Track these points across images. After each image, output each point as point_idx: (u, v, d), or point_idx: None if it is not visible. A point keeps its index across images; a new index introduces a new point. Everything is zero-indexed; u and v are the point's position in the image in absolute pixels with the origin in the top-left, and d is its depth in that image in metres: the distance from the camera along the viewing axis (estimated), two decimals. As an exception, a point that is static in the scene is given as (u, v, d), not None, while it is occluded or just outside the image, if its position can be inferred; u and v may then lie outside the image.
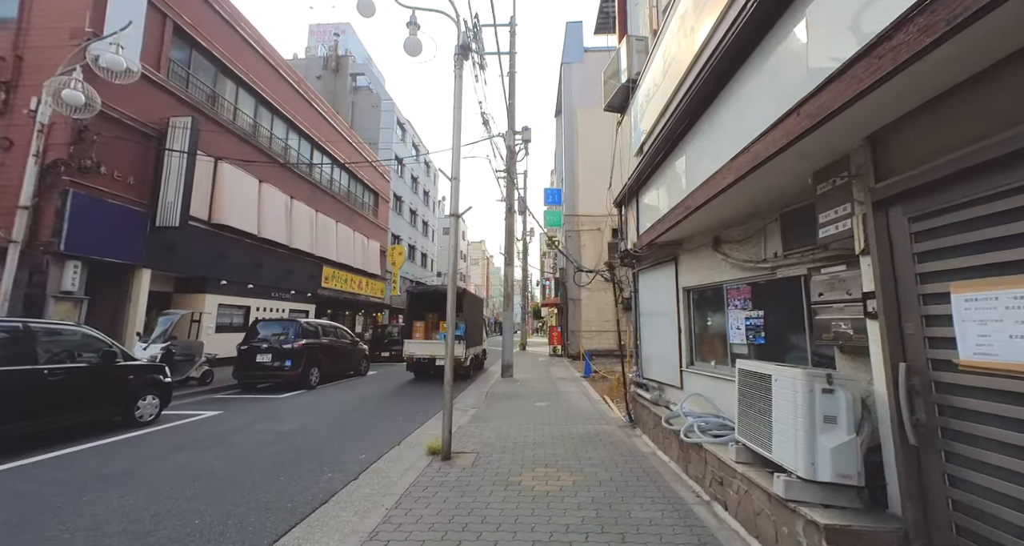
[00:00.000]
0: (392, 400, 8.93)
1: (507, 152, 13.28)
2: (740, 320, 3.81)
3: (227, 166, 13.45)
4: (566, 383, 10.82)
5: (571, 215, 21.68)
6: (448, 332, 4.92)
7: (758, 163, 2.54)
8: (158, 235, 10.96)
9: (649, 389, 5.51)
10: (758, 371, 2.73)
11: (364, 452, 5.17)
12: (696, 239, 4.51)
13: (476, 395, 9.44)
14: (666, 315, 5.15)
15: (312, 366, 10.23)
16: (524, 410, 7.45)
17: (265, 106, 16.08)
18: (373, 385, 11.10)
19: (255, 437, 5.69)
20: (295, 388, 9.88)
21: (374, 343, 18.84)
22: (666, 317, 5.15)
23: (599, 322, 20.53)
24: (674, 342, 4.90)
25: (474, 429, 6.08)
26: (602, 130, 22.88)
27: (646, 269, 5.74)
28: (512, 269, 12.88)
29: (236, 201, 13.78)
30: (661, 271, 5.30)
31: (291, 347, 9.76)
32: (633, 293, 6.23)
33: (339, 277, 21.08)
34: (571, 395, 9.03)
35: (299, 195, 17.70)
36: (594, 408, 7.59)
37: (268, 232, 15.35)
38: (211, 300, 13.02)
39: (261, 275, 15.19)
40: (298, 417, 7.05)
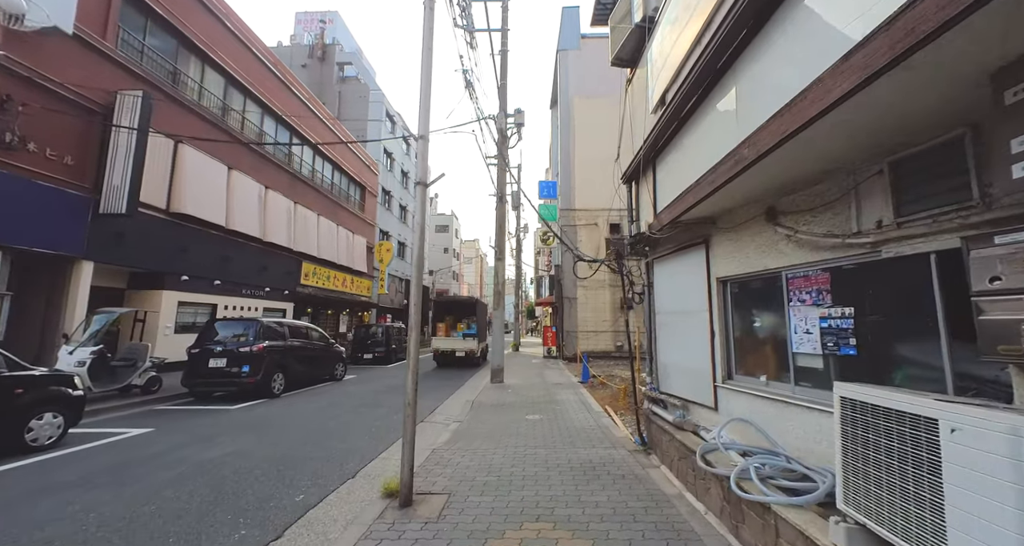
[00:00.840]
0: (365, 411, 7.77)
1: (498, 136, 12.15)
2: (811, 321, 2.71)
3: (189, 150, 12.18)
4: (562, 390, 9.71)
5: (567, 209, 20.59)
6: (411, 340, 3.79)
7: (910, 47, 1.43)
8: (102, 223, 9.70)
9: (668, 407, 4.41)
10: (901, 408, 1.62)
11: (305, 490, 4.02)
12: (738, 213, 3.41)
13: (460, 404, 8.31)
14: (693, 314, 4.05)
15: (275, 371, 9.03)
16: (514, 426, 6.33)
17: (237, 87, 14.80)
18: (348, 392, 9.92)
19: (170, 469, 4.51)
20: (255, 397, 8.68)
21: (356, 344, 17.64)
22: (693, 317, 4.04)
23: (596, 322, 19.48)
24: (704, 349, 3.79)
25: (451, 454, 4.94)
26: (600, 120, 21.82)
27: (665, 256, 4.63)
28: (503, 264, 11.76)
29: (200, 188, 12.52)
30: (686, 258, 4.19)
31: (250, 350, 8.56)
32: (646, 287, 5.13)
33: (321, 274, 19.83)
34: (568, 405, 7.92)
35: (276, 185, 16.44)
36: (596, 423, 6.49)
37: (238, 224, 14.09)
38: (169, 297, 11.75)
39: (230, 270, 13.93)
40: (241, 436, 5.86)
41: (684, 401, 4.15)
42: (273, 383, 8.92)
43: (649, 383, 5.02)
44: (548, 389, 9.87)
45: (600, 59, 22.21)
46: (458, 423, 6.77)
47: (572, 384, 10.73)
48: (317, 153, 20.34)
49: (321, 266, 19.77)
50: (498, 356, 11.07)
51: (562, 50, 21.81)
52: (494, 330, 11.39)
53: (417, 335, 3.80)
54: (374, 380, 12.17)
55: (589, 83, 21.36)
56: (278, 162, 16.95)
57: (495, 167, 13.00)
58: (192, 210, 12.17)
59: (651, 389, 4.87)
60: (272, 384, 8.90)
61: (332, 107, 29.35)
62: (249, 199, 14.81)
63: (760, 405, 3.12)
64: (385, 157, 29.84)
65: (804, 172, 2.62)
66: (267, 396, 8.83)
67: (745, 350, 3.46)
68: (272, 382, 8.86)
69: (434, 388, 10.63)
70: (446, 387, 10.79)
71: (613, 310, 19.54)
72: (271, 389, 8.84)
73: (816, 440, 2.61)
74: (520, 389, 9.91)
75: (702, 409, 3.87)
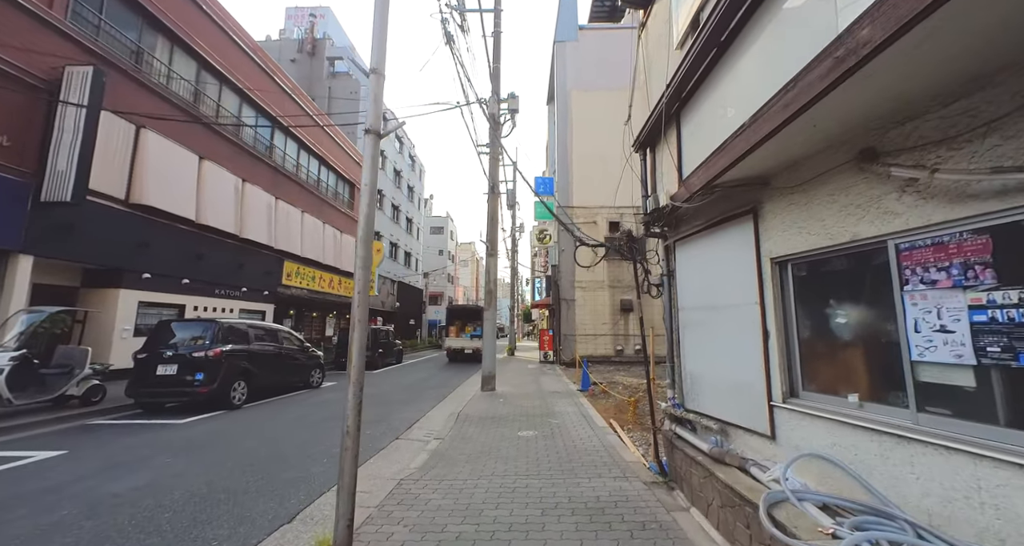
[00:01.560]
0: (333, 425, 6.73)
1: (490, 123, 11.21)
2: (950, 312, 1.75)
3: (154, 136, 11.16)
4: (560, 400, 8.71)
5: (564, 206, 19.64)
6: (354, 345, 2.80)
7: None
8: (46, 213, 8.65)
9: (700, 430, 3.43)
10: None
11: (220, 544, 3.00)
12: (808, 164, 2.44)
13: (445, 417, 7.29)
14: (734, 309, 3.08)
15: (236, 379, 7.97)
16: (503, 446, 5.32)
17: (210, 72, 13.79)
18: (321, 402, 8.87)
19: (50, 512, 3.46)
20: (211, 408, 7.62)
21: (340, 348, 16.58)
22: (734, 312, 3.07)
23: (595, 325, 18.52)
24: (753, 355, 2.82)
25: (421, 487, 3.92)
26: (598, 114, 20.96)
27: (692, 236, 3.65)
28: (495, 261, 10.77)
29: (166, 179, 11.49)
30: (724, 236, 3.22)
31: (204, 355, 7.50)
32: (666, 277, 4.15)
33: (305, 274, 18.77)
34: (567, 419, 6.91)
35: (255, 179, 15.42)
36: (600, 442, 5.48)
37: (210, 218, 13.05)
38: (128, 297, 10.68)
39: (201, 268, 12.87)
40: (172, 461, 4.82)
41: (722, 424, 3.16)
42: (233, 392, 7.86)
43: (671, 398, 4.03)
44: (544, 398, 8.86)
45: (599, 51, 21.44)
46: (439, 440, 5.76)
47: (570, 392, 9.73)
48: (302, 147, 19.36)
49: (305, 266, 18.72)
50: (489, 361, 10.06)
51: (559, 42, 20.99)
52: (485, 333, 10.39)
53: (363, 335, 2.81)
54: (354, 388, 11.12)
55: (587, 76, 20.53)
56: (258, 155, 15.95)
57: (488, 160, 12.04)
58: (156, 202, 11.13)
59: (673, 405, 3.87)
60: (231, 394, 7.84)
61: (322, 103, 28.39)
62: (223, 192, 13.77)
63: (850, 437, 2.14)
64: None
65: (950, 74, 1.65)
66: (225, 407, 7.77)
67: (818, 357, 2.48)
68: (231, 391, 7.81)
69: (417, 397, 9.59)
70: (433, 394, 9.77)
71: (613, 312, 18.59)
72: (230, 399, 7.78)
73: (971, 504, 1.63)
74: (513, 398, 8.89)
75: (750, 436, 2.88)
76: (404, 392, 10.49)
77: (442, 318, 44.79)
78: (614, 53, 20.87)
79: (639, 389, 10.62)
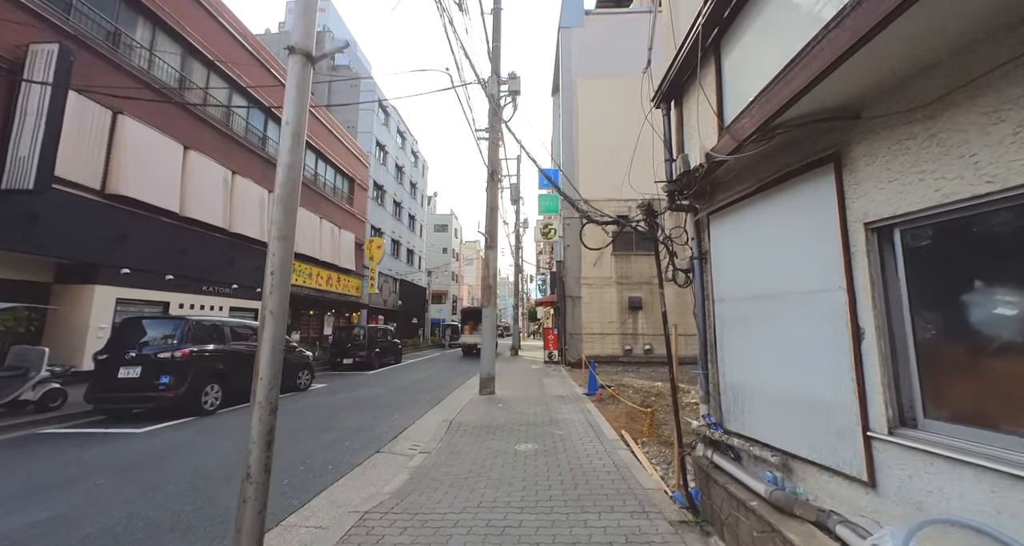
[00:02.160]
0: (306, 437, 5.98)
1: (490, 105, 10.40)
2: None
3: (132, 123, 10.51)
4: (564, 405, 7.89)
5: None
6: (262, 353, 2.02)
7: None
8: (6, 202, 8.00)
9: (746, 460, 2.60)
10: None
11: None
12: (931, 78, 1.60)
13: (436, 425, 6.51)
14: (800, 297, 2.24)
15: (209, 382, 7.25)
16: (497, 464, 4.52)
17: (197, 58, 13.13)
18: (303, 408, 8.13)
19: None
20: (180, 414, 6.91)
21: (335, 348, 15.89)
22: (801, 302, 2.24)
23: (602, 323, 17.67)
24: (835, 362, 1.99)
25: (387, 525, 3.13)
26: (605, 103, 20.06)
27: (734, 204, 2.79)
28: (495, 253, 9.96)
29: (146, 168, 10.83)
30: (784, 198, 2.38)
31: (171, 356, 6.78)
32: (697, 260, 3.30)
33: (301, 271, 18.10)
34: (572, 428, 6.09)
35: (246, 171, 14.77)
36: (612, 460, 4.65)
37: (196, 211, 12.40)
38: (104, 293, 10.03)
39: (186, 264, 12.21)
40: (107, 482, 4.08)
41: (783, 455, 2.32)
42: (204, 397, 7.15)
43: (705, 415, 3.18)
44: (547, 404, 8.05)
45: (605, 37, 20.51)
46: (424, 455, 4.98)
47: (576, 397, 8.90)
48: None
49: (301, 262, 18.05)
50: (488, 362, 9.26)
51: (564, 27, 20.11)
52: (484, 331, 9.60)
53: (277, 334, 2.03)
54: (344, 390, 10.38)
55: (593, 63, 19.64)
56: (250, 146, 15.29)
57: (487, 145, 11.23)
58: (135, 192, 10.48)
59: (708, 423, 3.02)
60: (203, 398, 7.13)
61: (321, 97, 27.83)
62: (211, 184, 13.12)
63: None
64: (377, 149, 28.24)
65: None
66: (197, 413, 7.06)
67: (954, 369, 1.64)
68: (203, 396, 7.09)
69: (410, 401, 8.82)
70: (427, 398, 8.98)
71: (621, 310, 17.73)
72: (201, 404, 7.06)
73: None
74: (513, 403, 8.09)
75: (830, 478, 2.05)
76: (397, 395, 9.73)
77: (445, 317, 44.18)
78: (621, 39, 19.97)
79: (651, 393, 9.78)
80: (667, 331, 3.48)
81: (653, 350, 17.27)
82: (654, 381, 12.01)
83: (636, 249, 18.14)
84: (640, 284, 17.87)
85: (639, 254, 18.06)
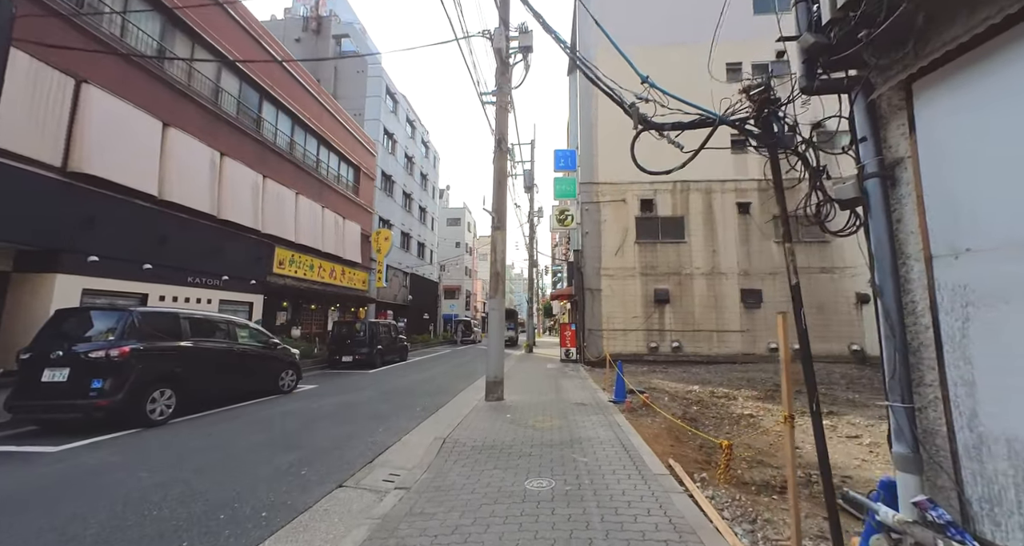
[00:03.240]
0: (263, 458, 4.67)
1: (497, 63, 8.93)
2: None
3: (99, 93, 9.40)
4: (587, 417, 6.41)
5: (588, 183, 17.22)
6: None
7: None
8: (-62, 176, 6.93)
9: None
10: None
11: None
12: None
13: (427, 443, 5.14)
14: None
15: (157, 386, 6.03)
16: (499, 515, 3.11)
17: (182, 30, 12.00)
18: (276, 416, 6.87)
19: None
20: (121, 425, 5.71)
21: (334, 344, 14.74)
22: None
23: (625, 318, 16.08)
24: None
25: None
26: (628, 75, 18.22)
27: (995, 45, 1.26)
28: (503, 235, 8.50)
29: (116, 145, 9.74)
30: None
31: (104, 355, 5.57)
32: (877, 180, 1.72)
33: (301, 262, 17.03)
34: (601, 452, 4.62)
35: (237, 153, 13.66)
36: (665, 515, 3.16)
37: (178, 195, 11.32)
38: (68, 283, 8.96)
39: (167, 252, 11.13)
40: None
41: None
42: (151, 405, 5.92)
43: (927, 503, 1.54)
44: (566, 414, 6.59)
45: (628, 3, 18.78)
46: (400, 493, 3.60)
47: (600, 405, 7.41)
48: (297, 123, 17.56)
49: (301, 253, 16.97)
50: (495, 363, 7.83)
51: (582, -4, 18.37)
52: (490, 326, 8.18)
53: None
54: (333, 393, 9.12)
55: (614, 32, 17.84)
56: (243, 127, 14.16)
57: (495, 111, 9.75)
58: (102, 171, 9.39)
59: (932, 516, 1.45)
60: (150, 406, 5.91)
61: (328, 85, 26.71)
62: (196, 166, 12.02)
63: None
64: (385, 138, 27.06)
65: None
66: (142, 424, 5.85)
67: None
68: (146, 403, 5.86)
69: (403, 408, 7.46)
70: (425, 404, 7.58)
71: (646, 304, 16.11)
72: (147, 413, 5.85)
73: None
74: (524, 412, 6.66)
75: None
76: (391, 400, 8.42)
77: (458, 312, 43.01)
78: (646, 4, 18.20)
79: (689, 400, 8.21)
80: (800, 319, 1.91)
81: (682, 348, 15.61)
82: (688, 384, 10.42)
83: (662, 237, 16.47)
84: (667, 275, 16.20)
85: (665, 242, 16.38)
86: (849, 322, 15.08)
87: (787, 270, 2.00)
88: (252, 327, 8.52)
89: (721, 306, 15.74)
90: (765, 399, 8.33)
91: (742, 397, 8.54)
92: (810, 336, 1.96)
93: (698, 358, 15.40)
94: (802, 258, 15.59)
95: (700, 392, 9.09)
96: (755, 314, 15.56)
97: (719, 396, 8.65)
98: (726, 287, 15.85)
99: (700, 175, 16.61)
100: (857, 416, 6.68)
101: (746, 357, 15.16)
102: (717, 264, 16.02)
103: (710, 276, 15.98)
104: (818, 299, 15.22)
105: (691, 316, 15.83)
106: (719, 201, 16.43)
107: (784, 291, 15.50)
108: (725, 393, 8.93)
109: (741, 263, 15.92)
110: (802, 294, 1.92)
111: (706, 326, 15.72)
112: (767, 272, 15.74)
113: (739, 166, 16.61)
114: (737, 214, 16.22)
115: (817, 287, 15.34)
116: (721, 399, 8.31)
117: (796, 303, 1.90)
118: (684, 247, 16.24)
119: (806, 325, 1.87)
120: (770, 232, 15.96)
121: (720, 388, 9.56)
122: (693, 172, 16.99)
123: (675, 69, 17.31)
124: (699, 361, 15.29)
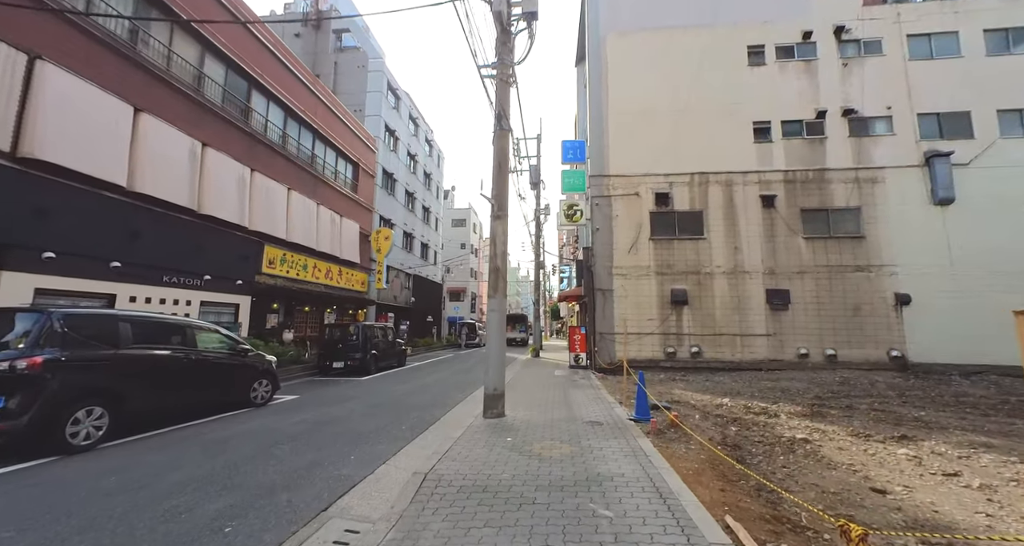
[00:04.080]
0: (189, 504, 3.58)
1: (498, 30, 7.84)
2: None
3: (55, 71, 8.48)
4: (605, 442, 5.22)
5: (599, 176, 16.05)
6: None
7: None
8: None
9: None
10: None
11: None
12: None
13: (404, 480, 4.01)
14: None
15: (81, 403, 4.96)
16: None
17: (157, 7, 11.10)
18: (239, 434, 5.78)
19: None
20: (34, 453, 4.66)
21: (325, 349, 13.70)
22: None
23: (639, 321, 14.87)
24: None
25: None
26: (641, 61, 17.12)
27: None
28: (503, 224, 7.38)
29: (78, 129, 8.81)
30: None
31: (8, 367, 4.52)
32: None
33: (293, 262, 16.05)
34: (630, 502, 3.44)
35: (221, 144, 12.73)
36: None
37: (151, 187, 10.37)
38: (17, 281, 8.00)
39: (139, 250, 10.17)
40: None
41: None
42: (74, 427, 4.86)
43: None
44: (579, 438, 5.40)
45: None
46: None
47: (619, 423, 6.19)
48: (291, 115, 16.64)
49: (294, 252, 16.00)
50: (495, 373, 6.67)
51: (591, -22, 17.29)
52: (490, 328, 7.04)
53: None
54: (311, 406, 8.02)
55: (627, 16, 16.78)
56: (229, 117, 13.24)
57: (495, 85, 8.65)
58: (59, 158, 8.44)
59: None
60: (72, 429, 4.85)
61: (328, 80, 25.87)
62: (172, 156, 11.07)
63: None
64: (387, 134, 26.15)
65: None
66: (61, 451, 4.79)
67: None
68: (70, 425, 4.80)
69: (388, 426, 6.30)
70: (413, 421, 6.40)
71: (662, 305, 14.87)
72: (66, 438, 4.78)
73: None
74: (529, 435, 5.49)
75: None
76: (377, 414, 7.30)
77: (463, 315, 41.95)
78: (660, -15, 17.02)
79: (726, 417, 6.99)
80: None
81: (702, 353, 14.34)
82: (715, 395, 9.17)
83: (679, 233, 15.23)
84: (685, 274, 14.94)
85: (683, 238, 15.14)
86: (888, 326, 13.68)
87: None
88: (217, 331, 7.46)
89: (745, 308, 14.44)
90: (812, 417, 7.07)
91: (784, 413, 7.29)
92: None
93: (720, 364, 14.11)
94: (835, 255, 14.27)
95: (732, 406, 7.85)
96: (782, 316, 14.23)
97: (756, 412, 7.41)
98: (750, 287, 14.55)
99: (720, 166, 15.40)
100: (940, 442, 5.41)
101: (773, 364, 13.84)
102: (740, 262, 14.73)
103: (732, 275, 14.70)
104: (853, 300, 13.87)
105: (711, 318, 14.55)
106: (741, 194, 15.15)
107: (814, 291, 14.16)
108: (762, 408, 7.68)
109: (766, 261, 14.62)
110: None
111: (728, 330, 14.43)
112: (795, 271, 14.43)
113: (763, 156, 15.33)
114: (761, 208, 14.92)
115: (852, 287, 13.99)
116: (760, 416, 7.07)
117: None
118: (703, 244, 14.98)
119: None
120: (798, 227, 14.64)
121: (754, 401, 8.31)
122: (712, 163, 15.82)
123: (690, 54, 16.15)
124: (721, 368, 14.00)
